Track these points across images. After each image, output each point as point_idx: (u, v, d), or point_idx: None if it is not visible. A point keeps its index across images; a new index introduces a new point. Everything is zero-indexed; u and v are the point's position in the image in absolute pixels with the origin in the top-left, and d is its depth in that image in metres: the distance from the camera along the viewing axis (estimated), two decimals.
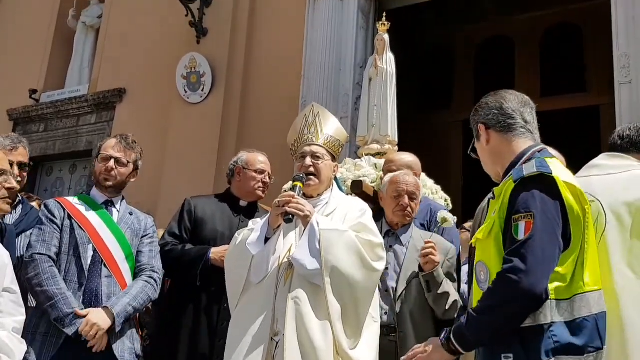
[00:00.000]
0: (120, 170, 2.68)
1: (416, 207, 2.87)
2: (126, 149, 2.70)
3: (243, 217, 3.07)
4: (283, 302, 2.25)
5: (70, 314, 2.35)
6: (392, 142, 4.46)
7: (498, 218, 1.64)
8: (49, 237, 2.48)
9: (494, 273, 1.61)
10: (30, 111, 7.73)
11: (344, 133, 2.79)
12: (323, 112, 2.72)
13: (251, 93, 6.15)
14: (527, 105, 1.86)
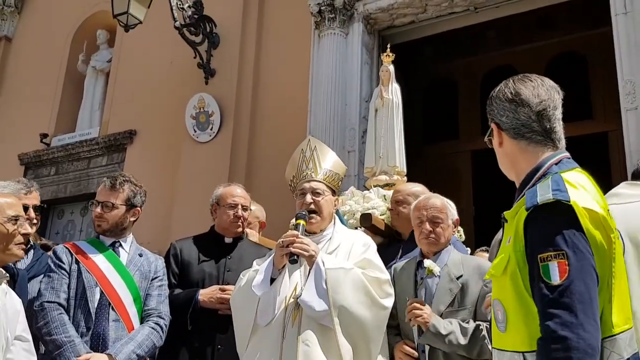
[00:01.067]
0: (109, 213, 2.67)
1: (444, 230, 2.60)
2: (112, 190, 2.68)
3: (230, 255, 3.02)
4: (292, 345, 2.22)
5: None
6: (400, 173, 4.41)
7: (514, 252, 1.44)
8: (57, 284, 2.48)
9: (511, 314, 1.43)
10: (41, 155, 7.84)
11: (343, 166, 2.77)
12: (320, 145, 2.71)
13: (259, 130, 6.20)
14: (551, 100, 1.61)
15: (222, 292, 2.82)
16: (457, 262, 2.52)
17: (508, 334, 1.45)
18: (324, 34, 5.66)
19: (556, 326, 1.30)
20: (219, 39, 6.56)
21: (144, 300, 2.62)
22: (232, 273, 2.94)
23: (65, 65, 8.18)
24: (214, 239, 3.08)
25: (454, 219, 2.66)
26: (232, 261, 3.00)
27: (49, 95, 8.07)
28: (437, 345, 2.30)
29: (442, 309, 2.39)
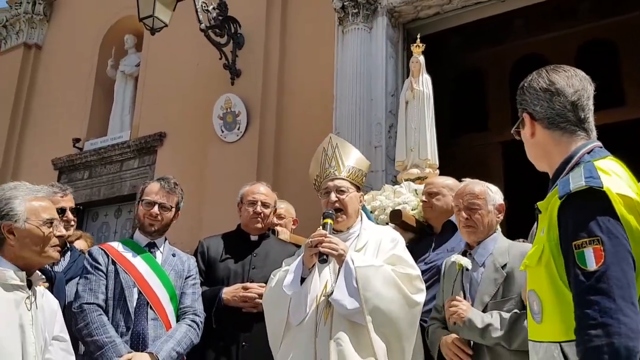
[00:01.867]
0: (164, 215, 2.73)
1: (482, 217, 2.47)
2: (169, 193, 2.76)
3: (256, 252, 3.04)
4: (325, 343, 2.23)
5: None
6: (432, 166, 4.33)
7: (548, 242, 1.44)
8: (95, 285, 2.53)
9: (547, 304, 1.43)
10: (75, 159, 8.02)
11: (366, 162, 2.76)
12: (342, 143, 2.71)
13: (285, 128, 6.23)
14: (584, 90, 1.60)
15: (245, 291, 2.83)
16: (503, 249, 2.37)
17: (544, 324, 1.44)
18: (348, 29, 5.64)
19: (595, 313, 1.28)
20: (244, 39, 6.61)
21: (179, 298, 2.66)
22: (257, 270, 2.97)
23: (94, 71, 8.35)
24: (240, 236, 3.11)
25: (496, 204, 2.50)
26: (257, 259, 3.02)
27: (80, 101, 8.26)
28: (475, 339, 2.25)
29: (487, 300, 2.30)
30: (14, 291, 1.87)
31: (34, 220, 1.94)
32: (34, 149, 8.46)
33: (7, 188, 1.97)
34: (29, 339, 1.87)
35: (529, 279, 1.54)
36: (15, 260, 1.91)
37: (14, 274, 1.87)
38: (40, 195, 2.01)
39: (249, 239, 3.09)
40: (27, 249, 1.93)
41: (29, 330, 1.88)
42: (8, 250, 1.90)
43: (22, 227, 1.91)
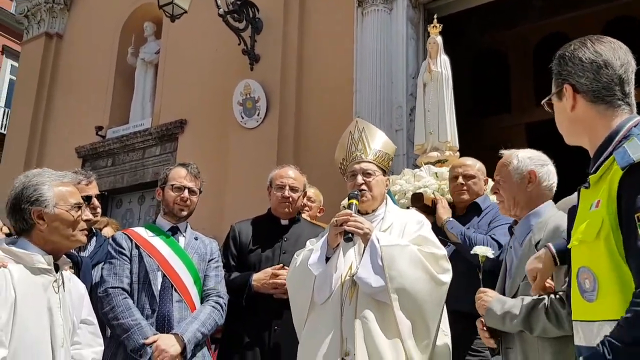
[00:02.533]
0: (192, 199, 2.76)
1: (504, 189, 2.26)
2: (195, 177, 2.80)
3: (286, 237, 3.03)
4: (350, 322, 2.24)
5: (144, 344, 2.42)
6: (452, 149, 4.27)
7: (607, 215, 1.35)
8: (119, 270, 2.57)
9: (604, 280, 1.35)
10: (98, 147, 8.13)
11: (392, 145, 2.75)
12: (368, 126, 2.70)
13: (305, 113, 6.21)
14: (629, 63, 1.51)
15: (275, 277, 2.84)
16: (542, 225, 2.16)
17: (599, 302, 1.36)
18: (367, 10, 5.57)
19: None
20: (262, 24, 6.58)
21: (202, 281, 2.70)
22: (288, 255, 2.95)
23: (115, 59, 8.42)
24: (271, 221, 3.11)
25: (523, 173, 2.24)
26: (288, 243, 3.02)
27: (102, 89, 8.34)
28: (498, 327, 2.14)
29: (519, 281, 2.16)
30: (41, 275, 1.90)
31: (62, 205, 1.97)
32: (58, 138, 8.59)
33: (33, 174, 2.00)
34: (56, 321, 1.91)
35: (580, 256, 1.45)
36: (44, 245, 1.94)
37: (42, 258, 1.91)
38: (66, 181, 2.04)
39: (279, 223, 3.09)
40: (57, 234, 1.96)
41: (57, 313, 1.92)
42: (37, 235, 1.94)
43: (52, 212, 1.94)
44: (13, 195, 1.95)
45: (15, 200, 1.94)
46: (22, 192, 1.94)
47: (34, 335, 1.83)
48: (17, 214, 1.94)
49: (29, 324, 1.82)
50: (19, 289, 1.81)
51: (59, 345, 1.90)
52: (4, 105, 16.34)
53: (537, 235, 2.11)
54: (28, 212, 1.92)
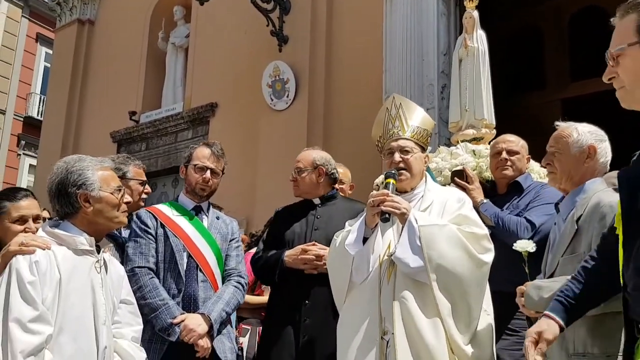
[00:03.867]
0: (214, 180, 2.77)
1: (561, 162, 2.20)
2: (219, 158, 2.80)
3: (319, 214, 3.04)
4: (388, 301, 2.23)
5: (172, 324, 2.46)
6: (489, 126, 4.15)
7: None
8: (145, 249, 2.60)
9: None
10: (132, 132, 8.27)
11: (431, 121, 2.69)
12: (405, 102, 2.64)
13: (334, 93, 6.17)
14: None
15: (305, 253, 2.86)
16: (586, 200, 2.09)
17: None
18: None
19: None
20: (290, 5, 6.54)
21: (224, 261, 2.73)
22: (319, 231, 2.99)
23: (146, 44, 8.51)
24: (305, 201, 3.13)
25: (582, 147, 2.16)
26: (319, 220, 3.04)
27: (134, 74, 8.45)
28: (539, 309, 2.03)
29: (559, 256, 2.11)
30: (84, 256, 1.96)
31: (106, 188, 2.03)
32: (93, 123, 8.77)
33: (73, 160, 2.05)
34: (99, 300, 1.96)
35: None
36: (87, 227, 2.00)
37: (84, 239, 1.97)
38: (105, 165, 2.10)
39: (312, 202, 3.11)
40: (101, 216, 2.02)
41: (99, 292, 1.98)
42: (81, 217, 2.00)
43: (97, 196, 2.00)
44: (57, 180, 2.00)
45: (61, 184, 1.99)
46: (66, 177, 1.99)
47: (77, 313, 1.89)
48: (63, 198, 1.99)
49: (73, 303, 1.88)
50: (63, 269, 1.87)
51: (101, 323, 1.95)
52: (40, 92, 16.75)
53: (579, 211, 2.05)
54: (74, 195, 1.98)
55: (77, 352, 1.86)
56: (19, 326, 1.74)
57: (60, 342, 1.82)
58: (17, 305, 1.76)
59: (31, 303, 1.78)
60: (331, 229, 2.96)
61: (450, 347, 2.15)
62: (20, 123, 16.72)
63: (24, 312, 1.76)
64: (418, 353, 2.13)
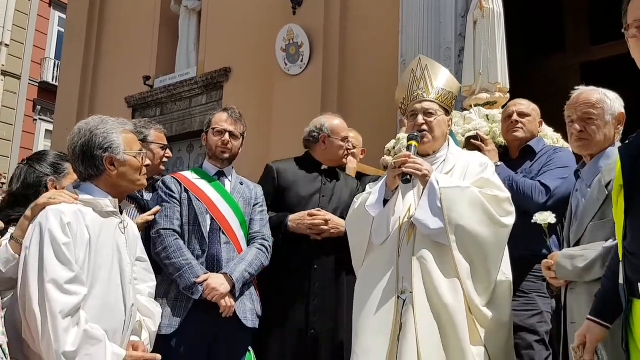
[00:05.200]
0: (233, 142, 2.80)
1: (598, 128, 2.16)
2: (236, 122, 2.82)
3: (325, 180, 3.06)
4: (407, 262, 2.25)
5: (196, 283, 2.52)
6: (502, 90, 4.10)
7: None
8: (170, 212, 2.65)
9: None
10: (146, 97, 8.28)
11: (456, 83, 2.65)
12: (431, 64, 2.60)
13: (349, 57, 6.11)
14: None
15: (311, 218, 2.88)
16: (613, 165, 2.00)
17: None
18: None
19: None
20: None
21: (248, 225, 2.77)
22: (326, 199, 3.01)
23: (159, 7, 8.43)
24: (312, 164, 3.11)
25: (615, 114, 2.17)
26: (327, 187, 3.06)
27: (147, 38, 8.41)
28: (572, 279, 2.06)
29: (586, 223, 2.06)
30: (109, 218, 2.01)
31: (130, 151, 2.05)
32: (108, 88, 8.78)
33: (96, 122, 2.05)
34: (125, 260, 2.02)
35: None
36: (110, 189, 2.03)
37: (109, 201, 2.01)
38: (127, 128, 2.12)
39: (319, 168, 3.10)
40: (124, 179, 2.05)
41: (124, 252, 2.03)
42: (105, 180, 2.02)
43: (122, 159, 2.02)
44: (81, 142, 2.00)
45: (86, 147, 1.99)
46: (91, 139, 2.00)
47: (106, 273, 1.93)
48: (88, 161, 2.00)
49: (102, 263, 1.93)
50: (91, 230, 1.91)
51: (128, 282, 2.01)
52: (54, 57, 16.76)
53: (608, 176, 2.01)
54: (100, 158, 1.99)
55: (106, 311, 1.91)
56: (55, 287, 1.77)
57: (91, 302, 1.86)
58: (53, 267, 1.78)
59: (67, 264, 1.81)
60: (337, 197, 3.03)
61: (469, 308, 2.18)
62: (36, 88, 16.80)
63: (60, 273, 1.79)
64: (437, 312, 2.17)
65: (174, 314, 2.51)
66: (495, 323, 2.24)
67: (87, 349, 1.78)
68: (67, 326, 1.75)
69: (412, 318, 2.16)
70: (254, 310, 2.67)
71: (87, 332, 1.80)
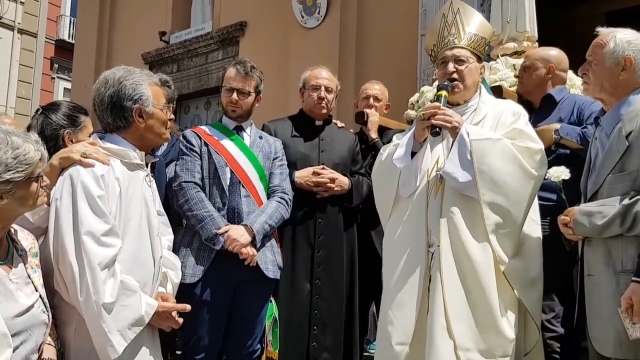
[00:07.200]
0: (244, 101, 2.76)
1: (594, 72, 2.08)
2: (245, 78, 2.76)
3: (321, 137, 3.10)
4: (435, 215, 2.23)
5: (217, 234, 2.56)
6: (531, 39, 3.96)
7: None
8: (191, 165, 2.67)
9: None
10: (163, 53, 8.22)
11: (490, 28, 2.55)
12: (464, 7, 2.48)
13: (367, 7, 5.96)
14: None
15: (317, 176, 2.93)
16: (634, 115, 1.94)
17: None
18: None
19: None
20: None
21: (268, 178, 2.78)
22: (326, 154, 3.07)
23: None
24: (305, 121, 3.15)
25: (618, 58, 2.02)
26: (324, 142, 3.09)
27: None
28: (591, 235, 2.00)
29: (604, 174, 1.98)
30: (135, 170, 2.00)
31: (157, 104, 2.02)
32: (124, 44, 8.73)
33: (123, 73, 2.00)
34: (152, 212, 2.04)
35: None
36: (137, 141, 2.01)
37: (136, 153, 1.99)
38: (154, 80, 2.08)
39: (313, 124, 3.14)
40: (151, 132, 2.03)
41: (151, 204, 2.04)
42: (132, 132, 2.00)
43: (151, 111, 2.00)
44: (109, 92, 1.96)
45: (116, 97, 1.95)
46: (120, 90, 1.95)
47: (135, 225, 1.94)
48: (117, 111, 1.96)
49: (131, 216, 1.93)
50: (121, 183, 1.91)
51: (155, 235, 2.02)
52: (70, 15, 16.66)
53: (629, 126, 1.94)
54: (130, 110, 1.96)
55: (137, 263, 1.92)
56: (92, 239, 1.77)
57: (122, 254, 1.86)
58: (88, 219, 1.78)
59: (102, 216, 1.81)
60: (335, 151, 3.09)
61: (497, 262, 2.16)
62: (52, 46, 16.79)
63: (96, 225, 1.79)
64: (463, 266, 2.16)
65: (197, 263, 2.56)
66: (525, 275, 2.23)
67: (123, 299, 1.80)
68: (105, 278, 1.77)
69: (439, 272, 2.16)
70: (275, 262, 2.71)
71: (123, 283, 1.82)
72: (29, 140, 1.68)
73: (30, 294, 1.70)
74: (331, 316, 2.95)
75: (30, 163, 1.65)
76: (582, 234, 2.03)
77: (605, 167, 1.99)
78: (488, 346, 2.11)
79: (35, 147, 1.68)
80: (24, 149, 1.64)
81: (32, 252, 1.78)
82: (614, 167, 1.95)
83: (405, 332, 2.20)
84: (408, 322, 2.20)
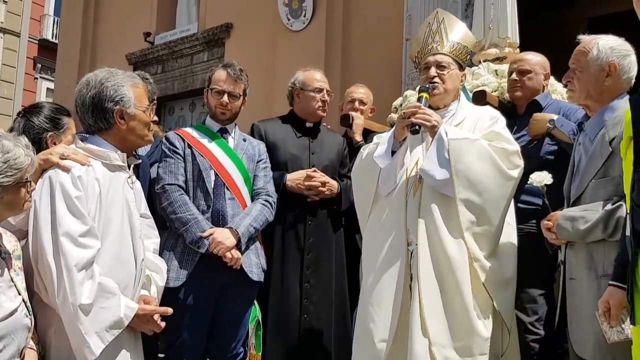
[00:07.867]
0: (233, 103, 2.77)
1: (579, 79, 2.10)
2: (236, 81, 2.77)
3: (312, 139, 3.12)
4: (413, 214, 2.27)
5: (202, 237, 2.55)
6: (512, 45, 4.01)
7: None
8: (174, 168, 2.66)
9: None
10: (147, 54, 8.16)
11: (472, 38, 2.62)
12: (448, 17, 2.57)
13: (353, 12, 5.97)
14: None
15: (310, 180, 2.94)
16: (617, 120, 1.95)
17: None
18: None
19: None
20: None
21: (252, 181, 2.78)
22: (316, 156, 3.08)
23: None
24: (295, 122, 3.15)
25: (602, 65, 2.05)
26: (315, 144, 3.11)
27: None
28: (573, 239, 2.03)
29: (587, 179, 2.01)
30: (117, 172, 1.99)
31: (139, 105, 2.02)
32: (108, 45, 8.65)
33: (105, 74, 2.00)
34: (134, 214, 2.02)
35: None
36: (118, 143, 2.01)
37: (117, 155, 1.98)
38: (136, 82, 2.07)
39: (304, 126, 3.15)
40: (133, 133, 2.02)
41: (133, 206, 2.03)
42: (114, 134, 1.99)
43: (132, 113, 1.99)
44: (90, 94, 1.96)
45: (98, 99, 1.95)
46: (102, 92, 1.95)
47: (116, 227, 1.93)
48: (98, 113, 1.96)
49: (112, 217, 1.92)
50: (101, 184, 1.90)
51: (137, 237, 2.01)
52: (54, 14, 16.49)
53: (612, 132, 1.97)
54: (111, 111, 1.96)
55: (118, 265, 1.91)
56: (70, 240, 1.76)
57: (103, 256, 1.86)
58: (66, 220, 1.78)
59: (80, 217, 1.80)
60: (325, 154, 3.11)
61: (472, 259, 2.20)
62: (36, 46, 16.60)
63: (74, 226, 1.78)
64: (439, 264, 2.20)
65: (181, 266, 2.55)
66: (499, 275, 2.27)
67: (101, 301, 1.80)
68: (82, 279, 1.76)
69: (416, 270, 2.20)
70: (260, 264, 2.71)
71: (101, 285, 1.81)
72: (20, 144, 1.67)
73: (14, 298, 1.69)
74: (320, 318, 2.96)
75: (20, 168, 1.64)
76: (565, 239, 2.06)
77: (588, 173, 2.03)
78: (464, 344, 2.15)
79: (25, 152, 1.67)
80: (14, 154, 1.63)
81: (15, 255, 1.76)
82: (597, 172, 1.99)
83: (387, 330, 2.23)
84: (389, 320, 2.23)
